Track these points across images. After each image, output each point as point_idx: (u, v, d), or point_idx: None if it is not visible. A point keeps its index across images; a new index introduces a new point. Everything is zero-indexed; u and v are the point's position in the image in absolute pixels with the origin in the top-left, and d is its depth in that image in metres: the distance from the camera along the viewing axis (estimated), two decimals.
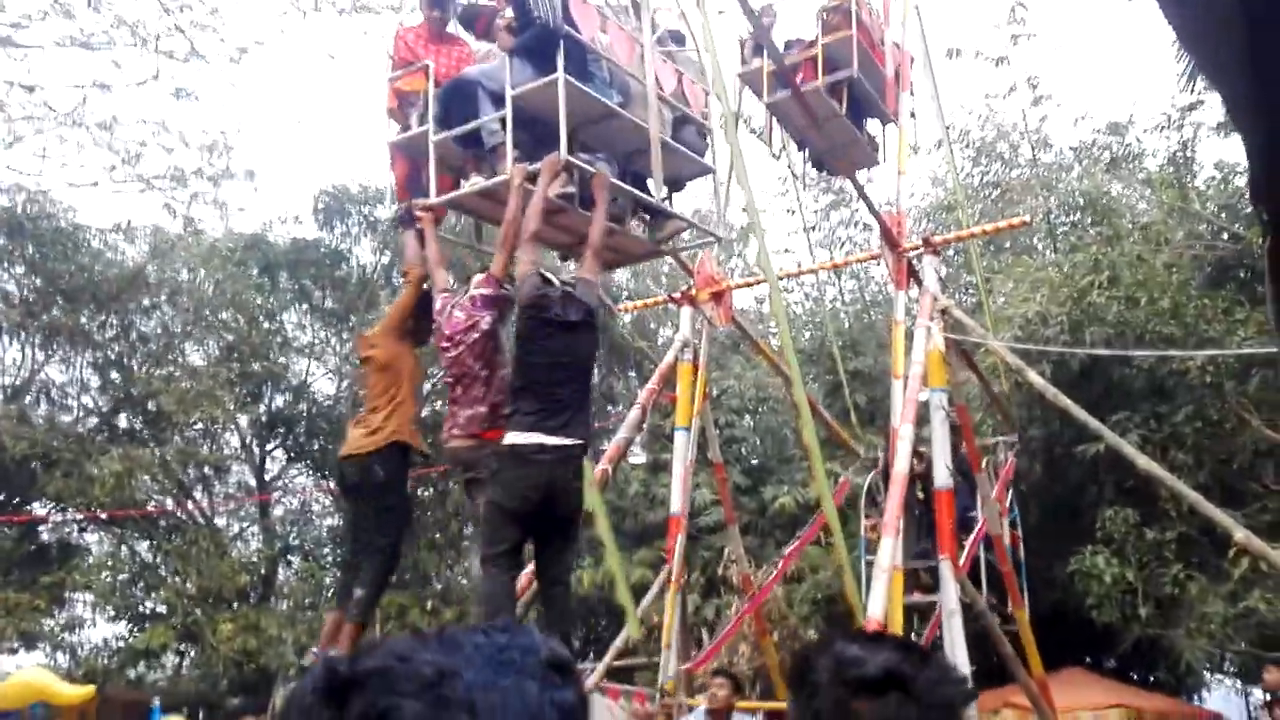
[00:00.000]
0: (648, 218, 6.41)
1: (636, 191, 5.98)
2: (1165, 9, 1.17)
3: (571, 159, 5.33)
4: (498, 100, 5.41)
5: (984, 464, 10.43)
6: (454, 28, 6.32)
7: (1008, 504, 10.87)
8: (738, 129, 9.50)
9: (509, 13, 5.61)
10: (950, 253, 16.92)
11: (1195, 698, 15.94)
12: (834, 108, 9.41)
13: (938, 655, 1.37)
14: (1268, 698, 9.53)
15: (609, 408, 24.03)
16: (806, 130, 9.60)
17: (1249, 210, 11.91)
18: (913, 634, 11.23)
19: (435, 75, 5.68)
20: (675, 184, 6.61)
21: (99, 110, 22.36)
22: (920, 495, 9.79)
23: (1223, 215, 13.17)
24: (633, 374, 24.55)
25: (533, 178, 5.36)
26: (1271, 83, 1.12)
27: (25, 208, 21.16)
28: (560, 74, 5.22)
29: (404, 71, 5.93)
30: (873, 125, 10.42)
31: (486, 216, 6.11)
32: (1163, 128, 15.99)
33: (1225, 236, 13.15)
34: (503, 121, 5.37)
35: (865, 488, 11.22)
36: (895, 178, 10.29)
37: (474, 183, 5.58)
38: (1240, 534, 8.61)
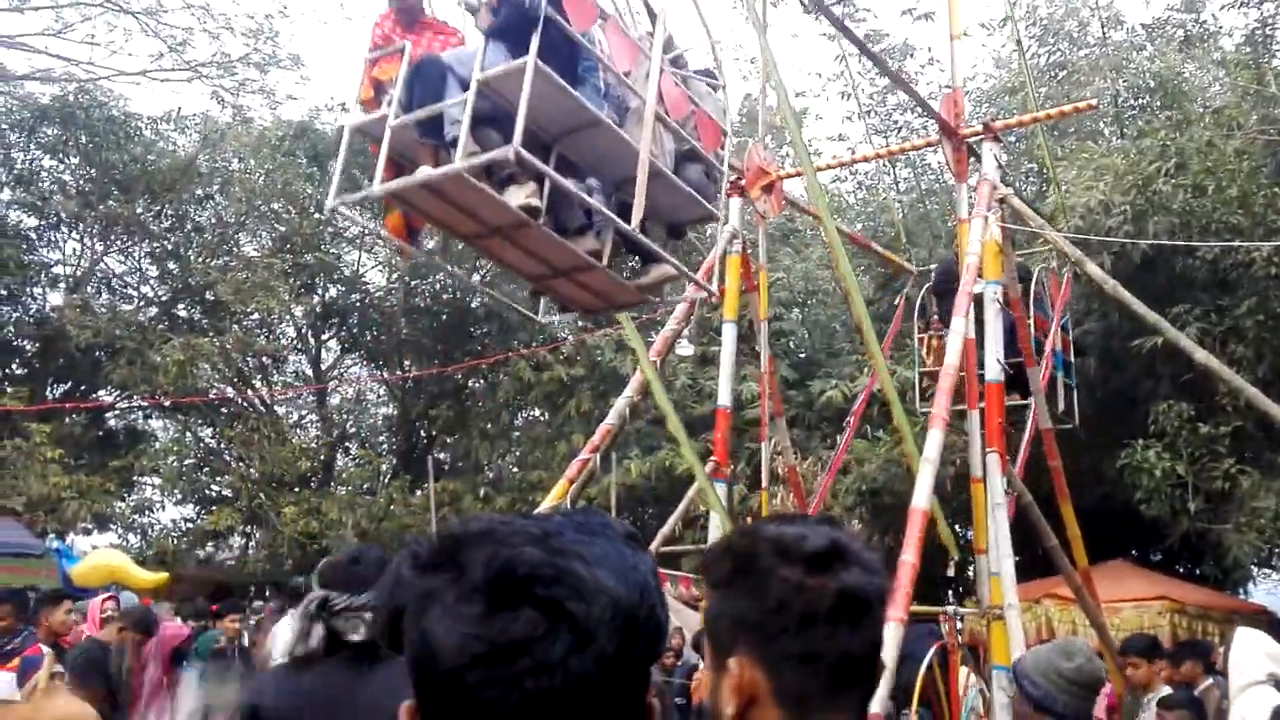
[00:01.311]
0: (636, 259, 5.70)
1: (616, 218, 5.00)
2: None
3: (524, 154, 4.45)
4: (467, 87, 4.65)
5: (1035, 284, 10.33)
6: (440, 10, 5.69)
7: (1062, 312, 10.87)
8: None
9: None
10: (1011, 139, 16.36)
11: (1241, 591, 15.96)
12: None
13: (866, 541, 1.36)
14: None
15: (655, 299, 24.00)
16: None
17: None
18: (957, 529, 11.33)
19: (413, 59, 4.96)
20: (674, 229, 5.86)
21: None
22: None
23: None
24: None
25: (494, 179, 4.70)
26: None
27: (76, 97, 21.30)
28: (531, 58, 4.43)
29: (379, 54, 5.25)
30: None
31: (439, 220, 5.18)
32: (1241, 4, 15.10)
33: None
34: (465, 113, 4.60)
35: (919, 300, 11.25)
36: (949, 45, 9.77)
37: (420, 172, 4.80)
38: None
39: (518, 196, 4.73)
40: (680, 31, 5.78)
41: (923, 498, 7.01)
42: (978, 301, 8.79)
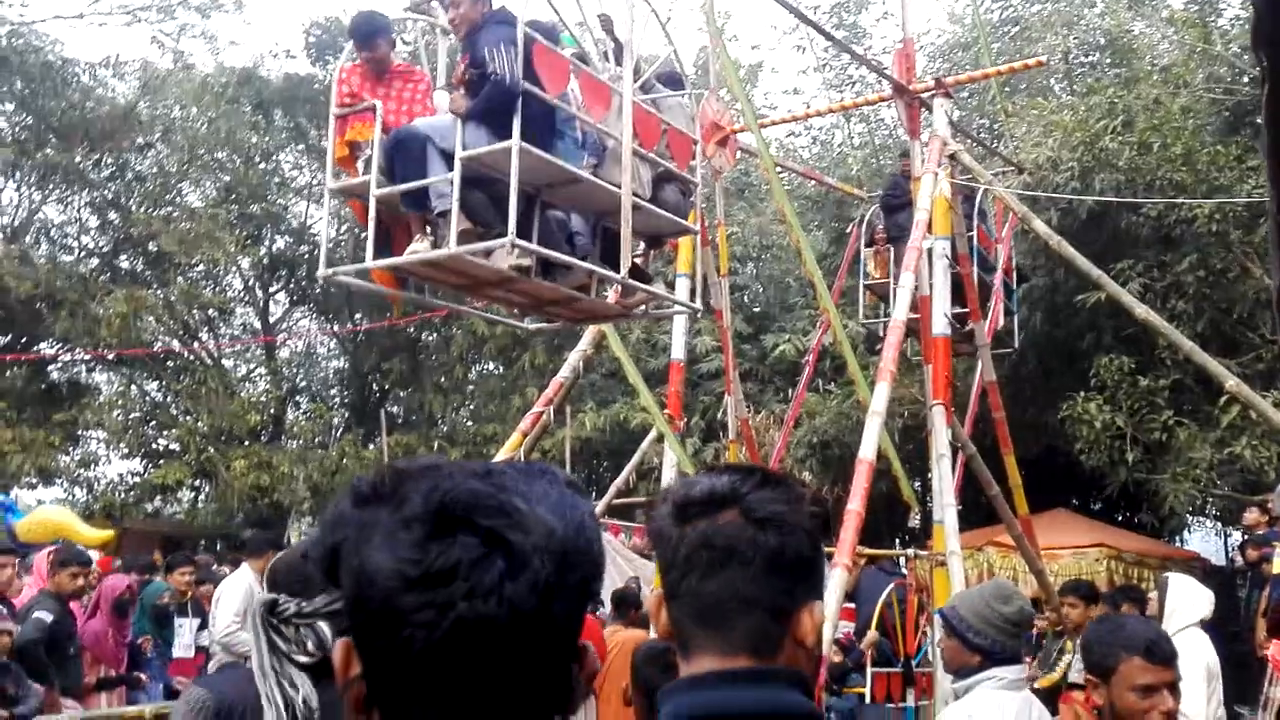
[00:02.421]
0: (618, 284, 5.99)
1: (602, 267, 5.50)
2: None
3: (520, 241, 4.81)
4: (449, 159, 4.85)
5: (978, 199, 10.51)
6: (404, 58, 5.75)
7: (1007, 235, 11.14)
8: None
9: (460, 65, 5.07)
10: (963, 94, 16.42)
11: (1176, 539, 16.52)
12: None
13: (788, 478, 1.36)
14: (1245, 536, 9.90)
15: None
16: None
17: None
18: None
19: (383, 119, 5.10)
20: (653, 241, 6.21)
21: None
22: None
23: (1244, 58, 12.68)
24: None
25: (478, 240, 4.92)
26: None
27: (9, 41, 20.51)
28: (515, 140, 4.67)
29: (349, 111, 5.27)
30: None
31: (431, 280, 5.61)
32: None
33: (1245, 80, 12.71)
34: (454, 192, 4.83)
35: (865, 222, 11.42)
36: (904, 9, 9.79)
37: (414, 250, 5.03)
38: (1231, 382, 8.73)
39: (509, 259, 5.04)
40: (641, 33, 5.92)
41: (869, 449, 7.15)
42: (927, 256, 8.91)
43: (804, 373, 12.13)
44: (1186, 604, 4.80)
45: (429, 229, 5.10)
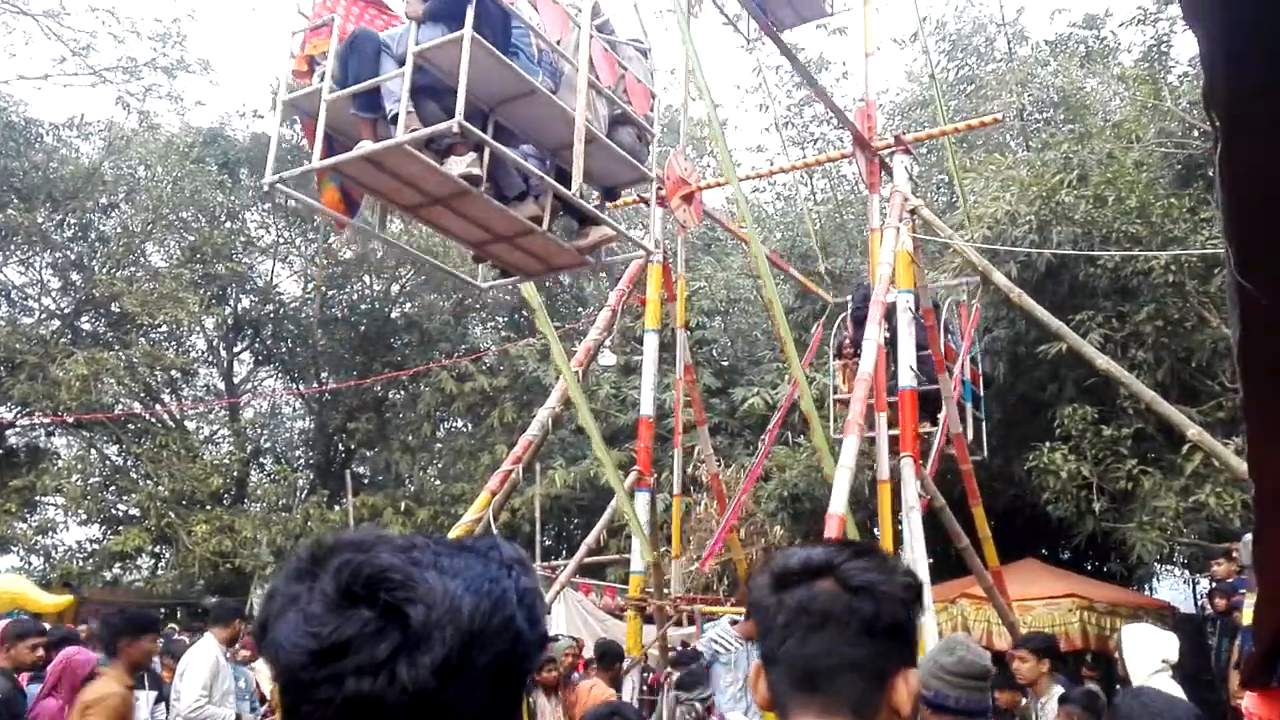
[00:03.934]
0: (575, 223, 5.83)
1: (556, 183, 5.23)
2: None
3: (468, 126, 4.60)
4: (402, 63, 4.74)
5: (946, 310, 10.58)
6: None
7: (970, 344, 11.11)
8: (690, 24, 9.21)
9: None
10: (923, 150, 16.76)
11: (1145, 588, 16.58)
12: None
13: (878, 550, 1.42)
14: (1214, 585, 9.94)
15: (579, 309, 23.99)
16: None
17: None
18: (875, 530, 11.54)
19: (341, 33, 4.99)
20: (609, 192, 6.01)
21: None
22: (886, 335, 9.93)
23: (1194, 112, 13.08)
24: (603, 275, 24.44)
25: (434, 148, 4.78)
26: None
27: None
28: (468, 29, 4.55)
29: (308, 28, 5.18)
30: None
31: (380, 192, 5.32)
32: (1139, 21, 15.73)
33: (1196, 134, 13.09)
34: (404, 86, 4.68)
35: (835, 336, 11.41)
36: (863, 62, 10.04)
37: (362, 144, 4.88)
38: (1193, 431, 8.83)
39: (458, 166, 4.83)
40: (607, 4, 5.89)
41: (840, 503, 7.12)
42: (890, 311, 9.00)
43: (774, 425, 12.14)
44: (1144, 653, 4.80)
45: (378, 133, 4.90)
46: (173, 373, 22.62)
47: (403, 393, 22.48)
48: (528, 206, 5.31)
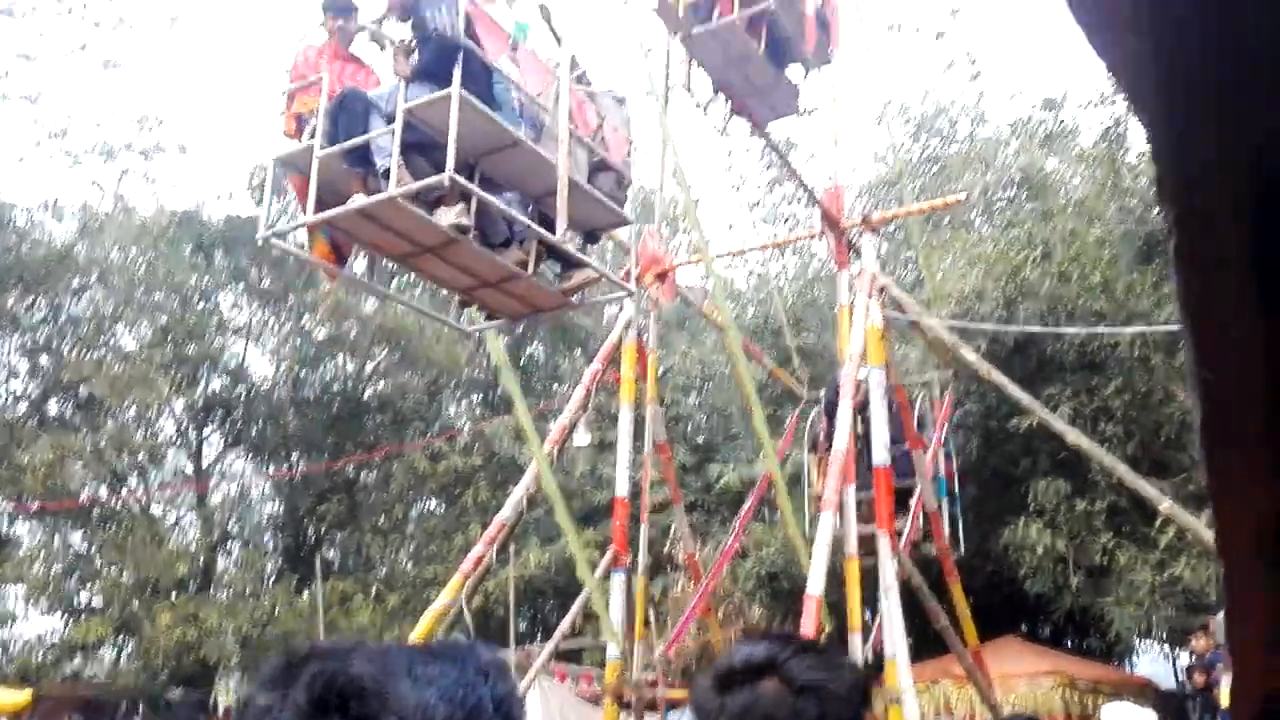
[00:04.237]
0: (557, 266, 6.00)
1: (540, 229, 5.42)
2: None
3: (458, 178, 4.82)
4: (392, 121, 4.96)
5: (919, 406, 10.60)
6: (361, 48, 5.81)
7: (944, 437, 11.07)
8: (666, 106, 9.43)
9: (406, 32, 5.21)
10: (891, 228, 17.08)
11: (1126, 663, 16.44)
12: (751, 45, 9.32)
13: (824, 646, 1.39)
14: (1193, 660, 9.87)
15: (554, 386, 23.96)
16: (726, 71, 9.41)
17: None
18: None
19: (330, 91, 5.19)
20: (589, 235, 6.18)
21: (23, 83, 21.59)
22: (859, 431, 9.83)
23: (1153, 191, 13.45)
24: (578, 352, 24.48)
25: (422, 200, 4.95)
26: (1177, 78, 1.07)
27: None
28: (455, 87, 4.76)
29: (297, 86, 5.39)
30: (795, 74, 10.34)
31: (371, 243, 5.50)
32: (1095, 104, 16.25)
33: (1155, 212, 13.44)
34: (395, 142, 4.90)
35: (809, 430, 11.36)
36: (833, 150, 10.29)
37: (355, 199, 5.07)
38: (1165, 505, 8.87)
39: (448, 216, 5.05)
40: (583, 58, 6.12)
41: (816, 584, 7.06)
42: (861, 387, 9.05)
43: (750, 505, 12.06)
44: None
45: (369, 187, 5.11)
46: (140, 456, 22.24)
47: (375, 474, 22.20)
48: (513, 252, 5.52)
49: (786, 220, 21.57)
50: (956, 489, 11.15)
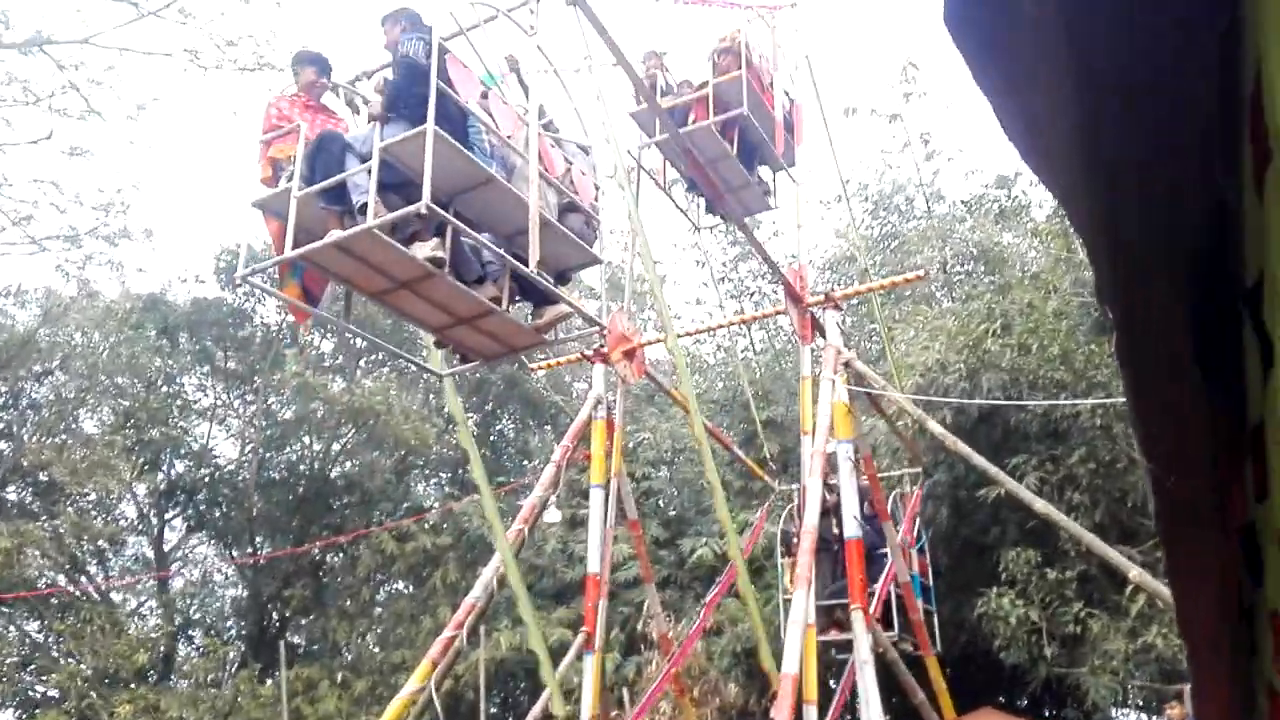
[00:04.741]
0: (528, 309, 6.14)
1: (513, 260, 5.52)
2: (998, 114, 1.17)
3: (434, 207, 4.92)
4: (365, 161, 5.16)
5: (891, 503, 10.69)
6: (329, 100, 6.05)
7: (915, 533, 11.13)
8: (638, 191, 9.67)
9: (378, 79, 5.48)
10: (854, 302, 17.40)
11: None
12: (725, 148, 9.67)
13: None
14: None
15: (524, 463, 23.82)
16: (698, 171, 9.79)
17: None
18: (830, 684, 11.33)
19: (307, 139, 5.38)
20: (560, 275, 6.27)
21: None
22: (836, 531, 9.87)
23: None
24: (548, 428, 24.41)
25: (398, 236, 5.11)
26: (1107, 176, 1.13)
27: None
28: (430, 123, 4.91)
29: (274, 135, 5.60)
30: (765, 173, 10.74)
31: (347, 279, 5.60)
32: None
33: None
34: (371, 178, 5.06)
35: (781, 530, 11.37)
36: (795, 232, 10.61)
37: (331, 234, 5.20)
38: (1134, 572, 8.96)
39: (424, 250, 5.17)
40: (551, 108, 6.39)
41: (793, 662, 7.03)
42: (833, 460, 9.14)
43: (721, 585, 12.01)
44: None
45: (345, 226, 5.21)
46: (100, 542, 21.74)
47: (341, 555, 21.83)
48: (487, 288, 5.63)
49: (752, 295, 21.93)
50: (930, 583, 11.13)
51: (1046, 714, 15.18)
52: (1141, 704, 14.96)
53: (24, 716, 19.39)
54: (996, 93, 1.17)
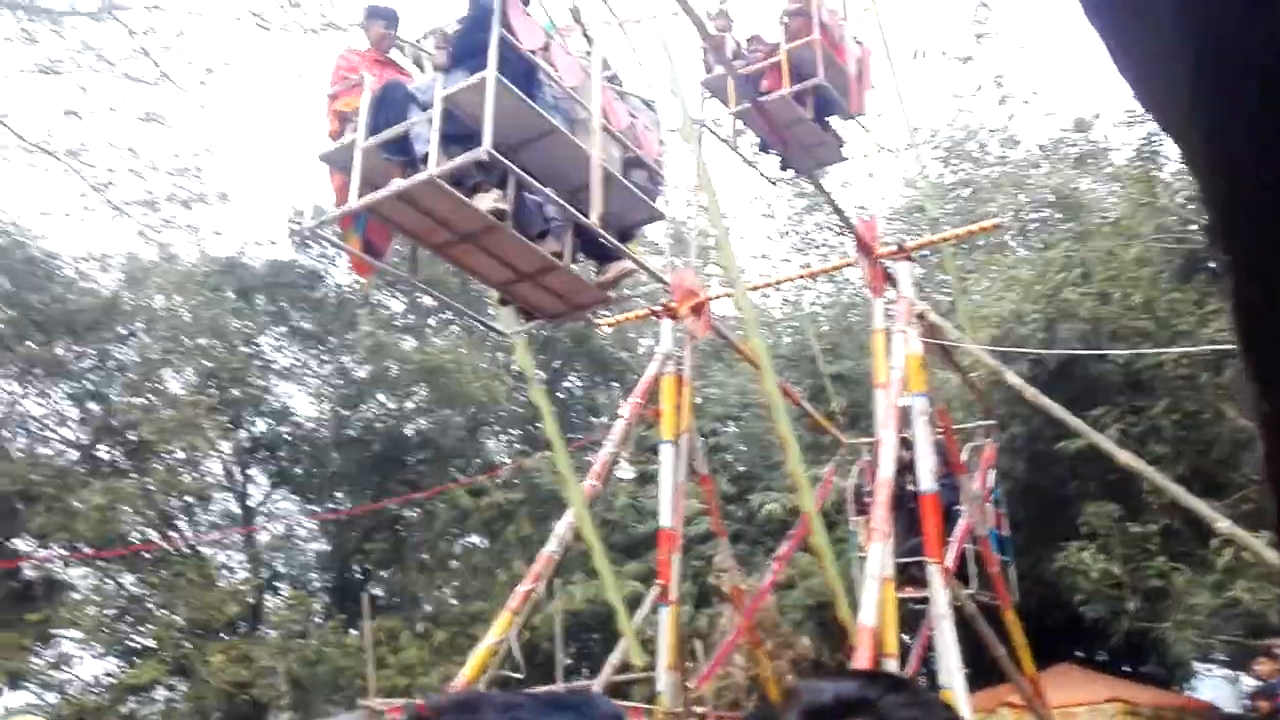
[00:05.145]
0: (592, 267, 6.03)
1: (576, 212, 5.39)
2: (1111, 51, 1.13)
3: (495, 154, 4.81)
4: (428, 110, 5.11)
5: (965, 457, 10.53)
6: (397, 57, 6.03)
7: (991, 486, 10.95)
8: (701, 142, 9.54)
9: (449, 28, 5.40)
10: (925, 253, 17.04)
11: (1185, 688, 16.07)
12: (800, 113, 9.50)
13: (912, 683, 1.34)
14: (1257, 686, 9.64)
15: (591, 419, 24.03)
16: (774, 136, 9.68)
17: None
18: (908, 637, 11.29)
19: (371, 91, 5.37)
20: (624, 232, 6.12)
21: (67, 138, 22.22)
22: (911, 488, 9.75)
23: (1190, 207, 13.32)
24: (615, 385, 24.55)
25: (461, 188, 5.06)
26: (1227, 128, 1.09)
27: None
28: (491, 69, 4.83)
29: (341, 88, 5.60)
30: (834, 121, 10.53)
31: (410, 230, 5.54)
32: (1128, 123, 16.15)
33: (1193, 228, 13.30)
34: (433, 127, 5.00)
35: (852, 485, 11.28)
36: (866, 181, 10.40)
37: (394, 183, 5.17)
38: (1223, 524, 8.71)
39: (486, 201, 5.10)
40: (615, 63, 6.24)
41: (870, 614, 7.01)
42: (906, 414, 9.01)
43: (794, 538, 11.99)
44: None
45: (408, 176, 5.20)
46: (189, 499, 22.59)
47: (418, 511, 22.35)
48: (549, 243, 5.56)
49: (819, 247, 21.61)
50: (1006, 533, 10.96)
51: (1126, 668, 14.96)
52: (1226, 659, 14.65)
53: (124, 665, 20.39)
54: (1110, 31, 1.12)
